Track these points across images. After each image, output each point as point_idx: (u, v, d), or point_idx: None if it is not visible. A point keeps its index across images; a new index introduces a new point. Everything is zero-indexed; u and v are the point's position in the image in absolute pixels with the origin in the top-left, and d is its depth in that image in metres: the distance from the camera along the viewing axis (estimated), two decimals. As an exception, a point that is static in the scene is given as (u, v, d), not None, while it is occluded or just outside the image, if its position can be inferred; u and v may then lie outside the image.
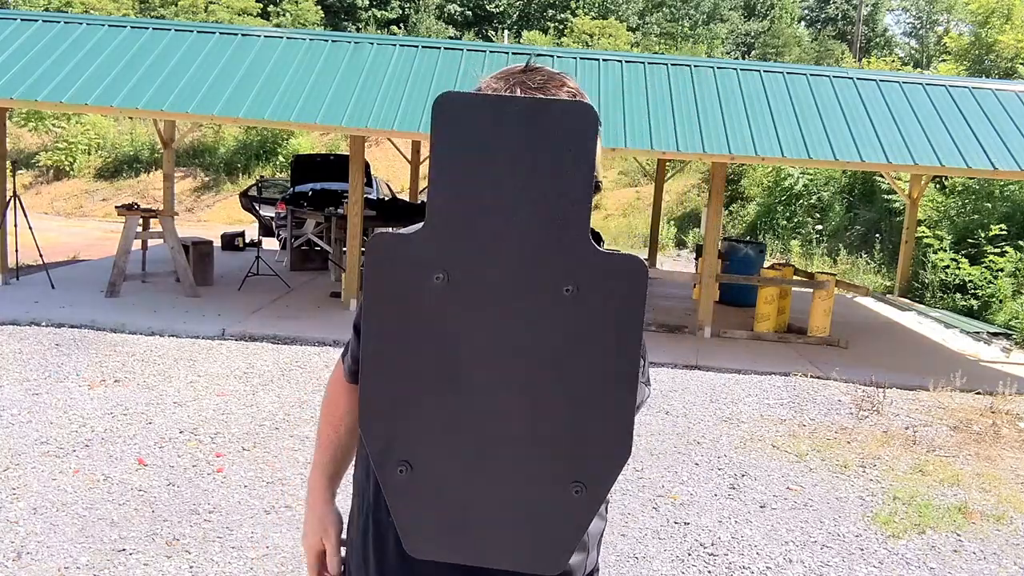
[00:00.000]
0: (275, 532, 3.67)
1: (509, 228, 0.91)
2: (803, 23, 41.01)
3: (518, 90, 1.21)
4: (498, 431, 0.96)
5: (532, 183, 0.90)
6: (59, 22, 8.88)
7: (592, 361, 0.94)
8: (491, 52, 9.11)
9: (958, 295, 11.29)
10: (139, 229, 8.94)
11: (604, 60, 8.98)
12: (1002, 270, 10.99)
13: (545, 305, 0.92)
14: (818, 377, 7.03)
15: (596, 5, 33.69)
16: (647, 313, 1.08)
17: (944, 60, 22.43)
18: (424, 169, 14.51)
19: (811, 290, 8.80)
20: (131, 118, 19.82)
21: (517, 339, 0.94)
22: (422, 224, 0.93)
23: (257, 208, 13.81)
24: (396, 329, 0.95)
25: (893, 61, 28.60)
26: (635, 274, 0.92)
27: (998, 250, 11.31)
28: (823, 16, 41.53)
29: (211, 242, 9.93)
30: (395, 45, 9.02)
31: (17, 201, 8.70)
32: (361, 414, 0.97)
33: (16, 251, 8.79)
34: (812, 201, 16.82)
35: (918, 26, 39.96)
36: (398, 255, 0.93)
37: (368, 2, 33.85)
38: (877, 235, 15.08)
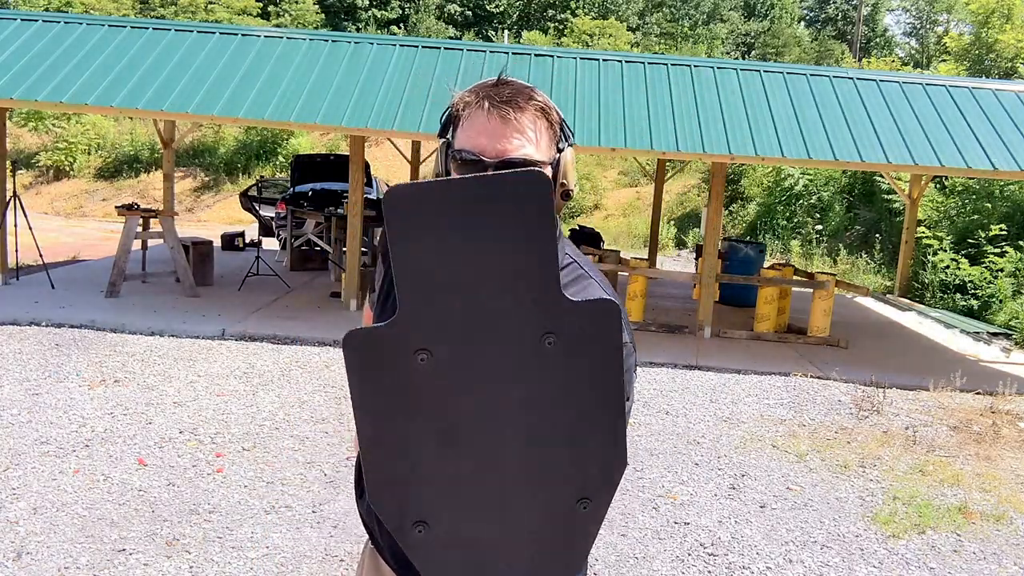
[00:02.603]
0: (275, 532, 3.67)
1: (482, 298, 0.94)
2: (803, 23, 41.01)
3: (486, 103, 1.22)
4: (502, 477, 1.02)
5: (495, 255, 0.93)
6: (59, 22, 8.88)
7: (580, 400, 0.99)
8: (491, 52, 9.10)
9: (958, 295, 11.29)
10: (139, 229, 8.94)
11: (604, 60, 8.98)
12: (1002, 270, 10.99)
13: (529, 358, 0.96)
14: (818, 377, 7.03)
15: (596, 5, 33.69)
16: (645, 313, 1.13)
17: (944, 60, 22.42)
18: (424, 169, 14.51)
19: (811, 290, 8.80)
20: (131, 118, 19.82)
21: (507, 394, 0.98)
22: (394, 314, 0.96)
23: (257, 208, 13.82)
24: (389, 413, 0.99)
25: (893, 61, 28.60)
26: (608, 315, 0.96)
27: (998, 250, 11.31)
28: (823, 16, 41.53)
29: (211, 242, 9.93)
30: (395, 45, 9.02)
31: (17, 201, 8.70)
32: (369, 493, 1.02)
33: (16, 251, 8.79)
34: (812, 201, 16.82)
35: (918, 26, 39.96)
36: (376, 347, 0.96)
37: (368, 2, 33.83)
38: (877, 235, 15.08)
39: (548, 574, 1.06)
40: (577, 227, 12.84)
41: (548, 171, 1.25)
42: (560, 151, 1.29)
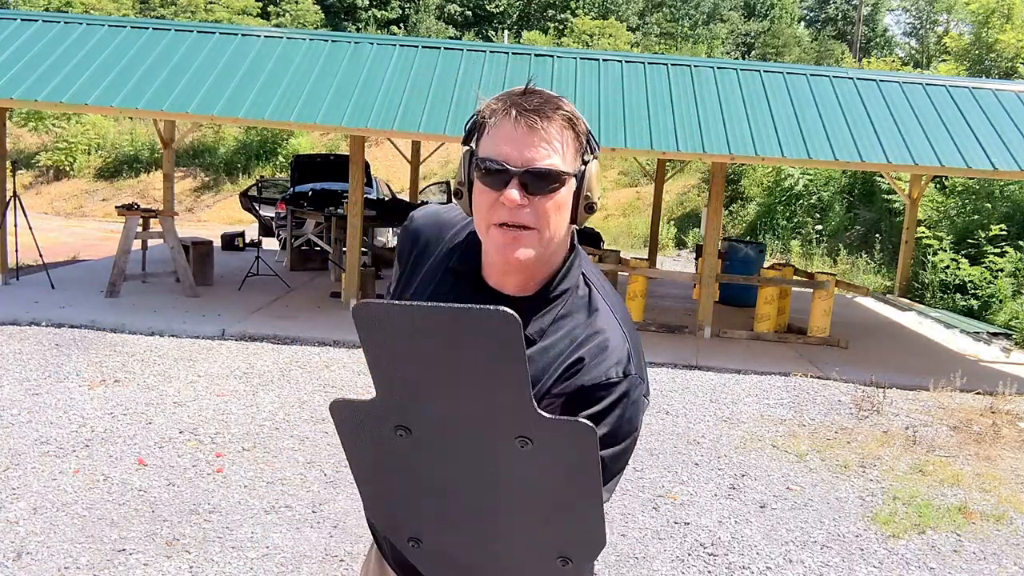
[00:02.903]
0: (275, 532, 3.67)
1: (457, 403, 0.98)
2: (803, 23, 41.01)
3: (513, 111, 1.22)
4: (487, 529, 1.09)
5: (466, 375, 0.95)
6: (59, 22, 8.88)
7: (556, 493, 1.03)
8: (491, 52, 9.10)
9: (958, 295, 11.29)
10: (139, 229, 8.94)
11: (604, 60, 8.98)
12: (1002, 270, 10.99)
13: (504, 451, 0.99)
14: (818, 377, 7.03)
15: (596, 5, 33.70)
16: (645, 313, 1.17)
17: (944, 60, 22.43)
18: (424, 169, 14.51)
19: (811, 290, 8.80)
20: (131, 118, 19.82)
21: (486, 475, 1.03)
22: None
23: (257, 208, 13.82)
24: (376, 468, 1.07)
25: (893, 61, 28.61)
26: (585, 436, 0.97)
27: (998, 250, 11.31)
28: (823, 16, 41.54)
29: (211, 242, 9.93)
30: (395, 45, 9.02)
31: (17, 201, 8.70)
32: (367, 512, 1.11)
33: (16, 251, 8.79)
34: (812, 201, 16.82)
35: (918, 26, 39.96)
36: (358, 417, 1.02)
37: (368, 2, 33.83)
38: (877, 235, 15.07)
39: None
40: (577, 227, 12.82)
41: (573, 183, 1.23)
42: (585, 163, 1.28)
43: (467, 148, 1.30)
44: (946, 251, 11.79)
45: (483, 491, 1.03)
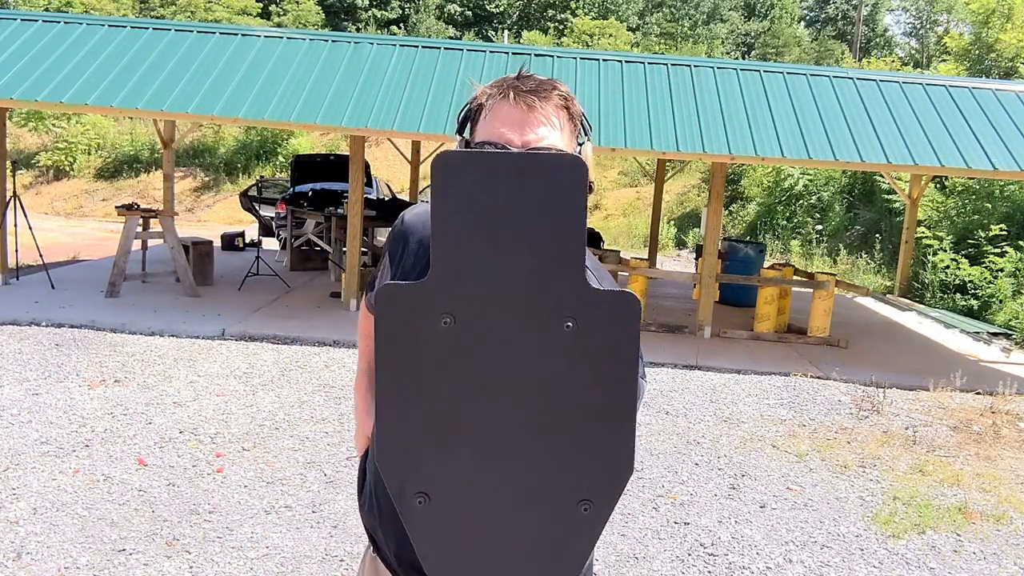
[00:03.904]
0: (275, 532, 3.67)
1: (509, 272, 0.97)
2: (803, 23, 41.01)
3: (511, 93, 1.22)
4: (508, 459, 1.03)
5: (528, 231, 0.96)
6: (59, 22, 8.88)
7: (593, 390, 1.00)
8: (491, 52, 9.10)
9: (958, 295, 11.29)
10: (139, 229, 8.94)
11: (604, 60, 8.98)
12: (1002, 270, 10.98)
13: (547, 340, 0.98)
14: (818, 377, 7.03)
15: (596, 5, 33.70)
16: (645, 313, 1.13)
17: (944, 60, 22.42)
18: (424, 169, 14.51)
19: (811, 290, 8.80)
20: (131, 118, 19.82)
21: (522, 373, 1.00)
22: (428, 274, 0.99)
23: (257, 208, 13.82)
24: (408, 372, 1.01)
25: (893, 61, 28.61)
26: (629, 309, 0.98)
27: (998, 250, 11.31)
28: (823, 16, 41.54)
29: (211, 242, 9.93)
30: (395, 45, 9.02)
31: (17, 201, 8.70)
32: (378, 454, 1.02)
33: (16, 251, 8.79)
34: (812, 201, 16.82)
35: (918, 26, 39.96)
36: (407, 303, 0.99)
37: (368, 2, 33.84)
38: (877, 235, 15.07)
39: (546, 571, 1.06)
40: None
41: None
42: (580, 144, 1.28)
43: (460, 138, 1.30)
44: (946, 251, 11.79)
45: (514, 407, 1.01)
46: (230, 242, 12.90)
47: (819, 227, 16.26)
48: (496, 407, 1.01)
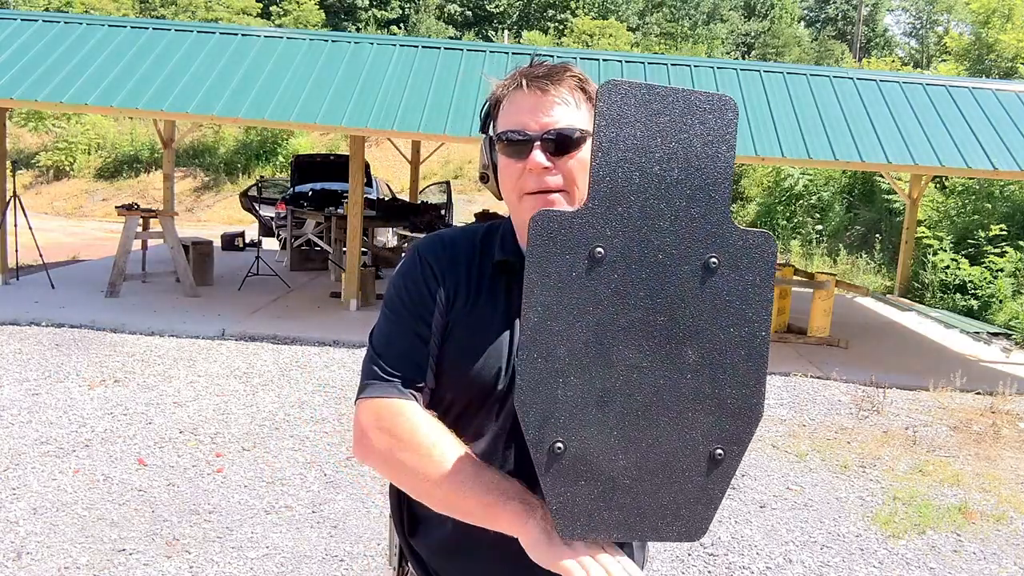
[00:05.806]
0: (275, 532, 3.67)
1: (661, 205, 0.99)
2: (803, 23, 41.01)
3: (523, 80, 1.24)
4: (644, 403, 1.02)
5: (682, 165, 0.99)
6: (59, 22, 8.88)
7: (730, 329, 1.02)
8: (491, 52, 9.10)
9: (958, 295, 11.29)
10: (139, 229, 8.94)
11: (604, 60, 8.98)
12: (1002, 270, 10.99)
13: (691, 276, 1.00)
14: (818, 377, 7.03)
15: (596, 5, 33.70)
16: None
17: (944, 60, 22.43)
18: (424, 169, 14.51)
19: (811, 290, 8.80)
20: (131, 118, 19.82)
21: (664, 310, 1.01)
22: (585, 201, 1.00)
23: (257, 208, 13.82)
24: (555, 303, 1.00)
25: (893, 61, 28.61)
26: (768, 246, 1.02)
27: (998, 250, 11.31)
28: (823, 16, 41.55)
29: (211, 242, 9.93)
30: (395, 45, 9.02)
31: (17, 201, 8.70)
32: (518, 398, 1.00)
33: (16, 251, 8.79)
34: (812, 201, 16.82)
35: (918, 26, 39.97)
36: (560, 231, 0.99)
37: (368, 2, 33.85)
38: (877, 235, 15.07)
39: (681, 518, 1.05)
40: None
41: (590, 143, 1.19)
42: None
43: (485, 136, 1.31)
44: (946, 251, 11.79)
45: (655, 345, 1.00)
46: (230, 242, 12.90)
47: (819, 227, 16.26)
48: (635, 346, 1.00)
